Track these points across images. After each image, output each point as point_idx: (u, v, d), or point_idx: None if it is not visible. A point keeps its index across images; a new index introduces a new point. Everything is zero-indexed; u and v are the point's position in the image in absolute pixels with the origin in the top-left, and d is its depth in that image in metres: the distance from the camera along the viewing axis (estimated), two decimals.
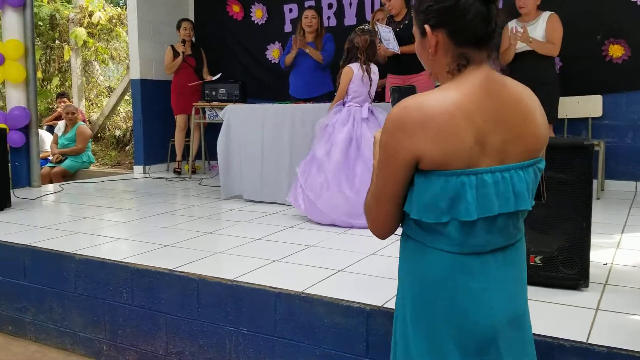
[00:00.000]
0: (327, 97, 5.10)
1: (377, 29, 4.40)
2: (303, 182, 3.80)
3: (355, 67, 3.75)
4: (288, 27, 6.40)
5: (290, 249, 3.13)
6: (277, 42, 6.52)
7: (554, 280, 2.41)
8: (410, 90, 1.37)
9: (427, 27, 1.23)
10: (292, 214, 4.08)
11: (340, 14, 6.08)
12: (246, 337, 2.52)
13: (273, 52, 6.56)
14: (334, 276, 2.64)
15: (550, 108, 4.48)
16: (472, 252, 1.21)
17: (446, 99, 1.17)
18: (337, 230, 3.58)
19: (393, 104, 1.29)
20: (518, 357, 1.28)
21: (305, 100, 5.05)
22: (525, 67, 4.38)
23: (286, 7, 6.40)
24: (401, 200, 1.24)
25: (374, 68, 3.85)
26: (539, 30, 4.42)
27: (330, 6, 6.09)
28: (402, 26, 4.64)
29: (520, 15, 4.53)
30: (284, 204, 4.33)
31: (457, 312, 1.22)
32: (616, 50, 4.81)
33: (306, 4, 6.21)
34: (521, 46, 4.43)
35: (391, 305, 2.23)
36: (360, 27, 3.92)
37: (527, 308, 1.33)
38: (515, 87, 1.25)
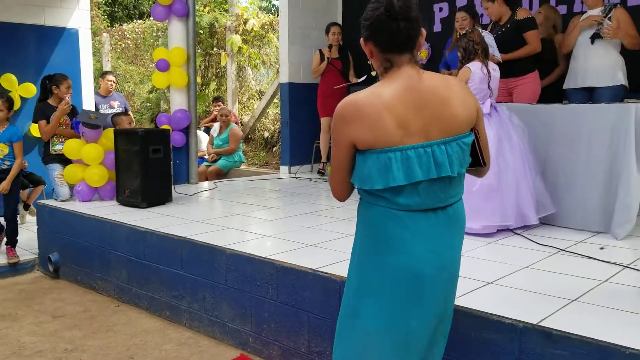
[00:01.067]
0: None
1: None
2: None
3: (473, 66, 3.68)
4: (438, 27, 6.25)
5: None
6: (425, 43, 6.37)
7: None
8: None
9: (362, 39, 1.66)
10: None
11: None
12: None
13: (421, 53, 6.42)
14: (483, 288, 2.49)
15: None
16: (405, 209, 1.61)
17: (373, 95, 1.58)
18: (486, 240, 3.39)
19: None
20: (444, 296, 1.70)
21: None
22: None
23: (436, 7, 6.24)
24: (350, 173, 1.68)
25: (492, 64, 3.77)
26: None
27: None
28: (504, 29, 4.61)
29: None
30: None
31: (391, 253, 1.63)
32: None
33: (458, 3, 6.02)
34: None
35: (547, 324, 2.04)
36: (467, 30, 3.96)
37: (456, 260, 1.72)
38: (431, 80, 1.63)
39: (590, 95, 4.45)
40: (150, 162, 4.53)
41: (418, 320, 1.65)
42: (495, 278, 2.62)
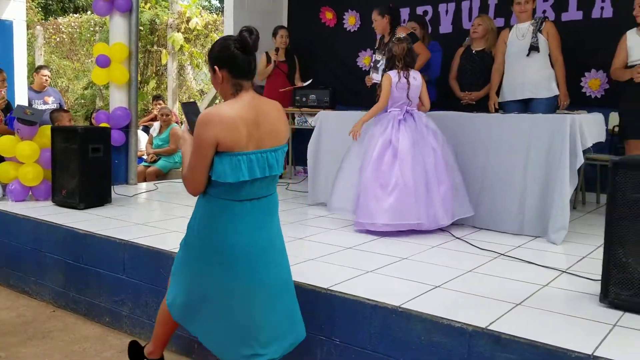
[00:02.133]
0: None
1: (377, 59, 4.77)
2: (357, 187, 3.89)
3: (393, 74, 3.90)
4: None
5: (383, 260, 3.06)
6: (368, 50, 6.47)
7: None
8: (193, 104, 2.29)
9: (216, 67, 2.13)
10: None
11: (435, 21, 5.95)
12: (338, 347, 2.47)
13: (364, 60, 6.52)
14: (431, 292, 2.55)
15: None
16: (240, 200, 2.14)
17: (231, 109, 2.07)
18: (429, 244, 3.47)
19: (184, 113, 2.24)
20: (272, 267, 2.25)
21: None
22: None
23: None
24: (208, 170, 2.08)
25: (415, 74, 3.95)
26: None
27: (425, 13, 5.99)
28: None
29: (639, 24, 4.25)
30: None
31: (223, 234, 2.15)
32: None
33: (401, 11, 6.13)
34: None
35: (495, 327, 2.11)
36: (397, 36, 4.14)
37: (279, 236, 2.33)
38: (266, 103, 2.22)
39: (526, 106, 4.61)
40: (90, 162, 4.36)
41: (255, 282, 2.20)
42: (442, 282, 2.68)
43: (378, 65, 4.80)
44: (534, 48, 4.48)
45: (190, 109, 2.24)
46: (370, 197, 3.74)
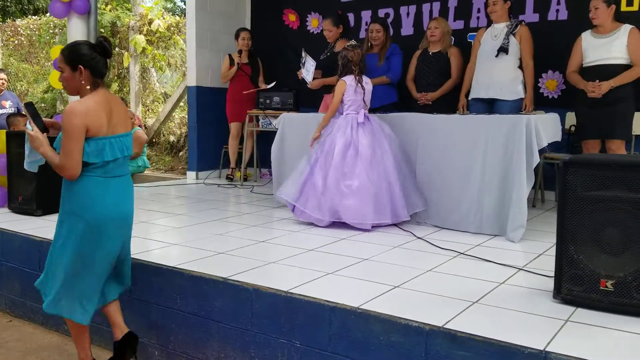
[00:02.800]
0: (391, 107, 5.04)
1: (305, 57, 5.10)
2: (308, 186, 4.03)
3: (348, 79, 4.09)
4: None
5: (344, 261, 3.07)
6: None
7: (628, 308, 2.27)
8: (31, 104, 2.59)
9: (80, 67, 2.48)
10: (347, 226, 4.03)
11: (397, 24, 6.01)
12: (299, 350, 2.47)
13: None
14: (391, 292, 2.57)
15: (626, 125, 4.30)
16: (106, 177, 2.53)
17: (94, 102, 2.47)
18: (391, 244, 3.49)
19: (29, 114, 2.54)
20: (127, 239, 2.75)
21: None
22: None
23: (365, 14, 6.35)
24: (82, 153, 2.43)
25: (366, 79, 4.18)
26: (617, 45, 4.23)
27: (387, 16, 6.03)
28: (328, 54, 5.38)
29: (595, 26, 4.35)
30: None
31: (93, 207, 2.51)
32: None
33: (363, 14, 6.17)
34: (595, 59, 4.29)
35: (452, 326, 2.14)
36: (350, 43, 4.32)
37: (132, 212, 2.75)
38: (114, 97, 2.65)
39: (491, 106, 4.69)
40: (47, 167, 4.24)
41: (115, 247, 2.63)
42: (400, 282, 2.70)
43: (304, 62, 5.03)
44: (503, 49, 4.54)
45: (32, 110, 2.54)
46: (334, 195, 3.88)
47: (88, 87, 2.51)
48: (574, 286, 2.38)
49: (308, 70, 5.13)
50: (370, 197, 3.86)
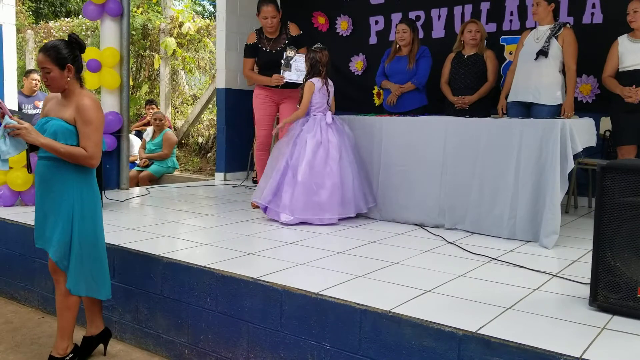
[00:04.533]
0: (421, 111, 5.00)
1: (290, 56, 4.92)
2: (283, 188, 4.18)
3: (316, 81, 4.25)
4: (373, 39, 6.37)
5: (375, 265, 3.06)
6: (360, 54, 6.49)
7: None
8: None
9: (69, 65, 2.66)
10: (374, 228, 4.01)
11: (428, 26, 5.97)
12: (329, 352, 2.46)
13: (357, 64, 6.53)
14: (422, 297, 2.54)
15: None
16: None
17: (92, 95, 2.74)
18: (421, 249, 3.46)
19: (2, 106, 2.72)
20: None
21: (393, 114, 4.93)
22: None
23: (372, 19, 6.36)
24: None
25: (330, 81, 4.35)
26: None
27: (417, 18, 6.00)
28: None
29: (631, 30, 4.26)
30: (368, 217, 4.30)
31: (95, 190, 2.88)
32: None
33: (393, 16, 6.15)
34: (632, 64, 4.20)
35: (485, 331, 2.10)
36: (317, 45, 4.35)
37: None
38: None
39: (528, 110, 4.57)
40: None
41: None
42: (432, 286, 2.67)
43: (291, 62, 4.85)
44: (542, 52, 4.40)
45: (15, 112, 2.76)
46: (308, 193, 4.09)
47: (78, 83, 2.74)
48: (611, 293, 2.33)
49: (298, 69, 4.84)
50: (339, 193, 4.11)
